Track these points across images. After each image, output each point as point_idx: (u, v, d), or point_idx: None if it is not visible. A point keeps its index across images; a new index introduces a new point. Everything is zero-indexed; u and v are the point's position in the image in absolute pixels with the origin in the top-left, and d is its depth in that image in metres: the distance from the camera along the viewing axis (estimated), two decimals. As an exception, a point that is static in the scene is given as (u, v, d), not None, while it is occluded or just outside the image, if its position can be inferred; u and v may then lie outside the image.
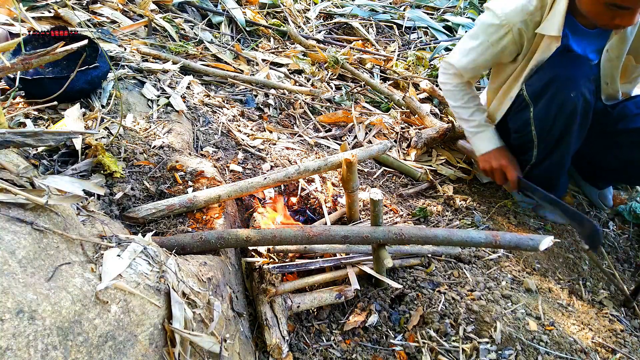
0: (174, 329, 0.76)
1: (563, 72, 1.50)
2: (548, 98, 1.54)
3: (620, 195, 2.13)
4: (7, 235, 0.64)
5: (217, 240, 1.11)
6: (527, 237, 1.23)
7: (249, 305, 1.25)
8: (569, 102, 1.50)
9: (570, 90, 1.49)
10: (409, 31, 3.68)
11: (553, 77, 1.51)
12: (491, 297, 1.35)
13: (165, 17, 2.72)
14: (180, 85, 2.02)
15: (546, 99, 1.55)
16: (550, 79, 1.52)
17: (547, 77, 1.53)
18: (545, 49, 1.51)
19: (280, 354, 1.11)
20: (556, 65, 1.52)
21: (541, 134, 1.63)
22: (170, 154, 1.48)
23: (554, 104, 1.53)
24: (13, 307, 0.56)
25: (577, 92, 1.48)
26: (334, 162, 1.47)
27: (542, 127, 1.61)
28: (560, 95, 1.51)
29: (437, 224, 1.75)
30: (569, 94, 1.49)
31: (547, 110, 1.56)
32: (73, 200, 0.81)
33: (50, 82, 1.45)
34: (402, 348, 1.21)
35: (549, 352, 1.18)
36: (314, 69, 2.78)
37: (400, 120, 2.41)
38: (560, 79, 1.50)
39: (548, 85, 1.53)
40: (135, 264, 0.79)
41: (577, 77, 1.49)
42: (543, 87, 1.54)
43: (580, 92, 1.48)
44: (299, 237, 1.17)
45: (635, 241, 1.97)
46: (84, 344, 0.63)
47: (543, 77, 1.54)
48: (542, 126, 1.61)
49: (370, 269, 1.34)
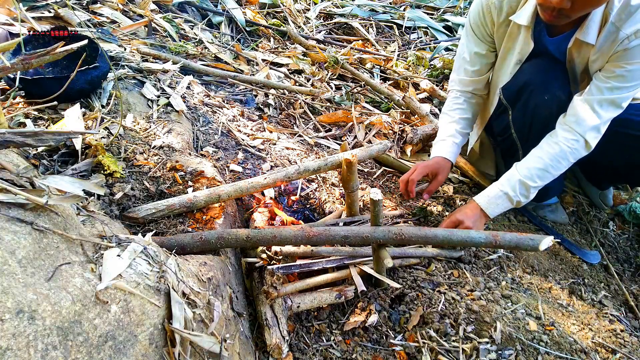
0: (174, 329, 0.76)
1: (535, 76, 1.51)
2: (523, 102, 1.56)
3: (620, 195, 2.14)
4: (7, 235, 0.64)
5: (217, 240, 1.11)
6: (527, 237, 1.22)
7: (249, 305, 1.25)
8: (543, 106, 1.51)
9: (544, 93, 1.49)
10: (409, 31, 3.69)
11: (526, 81, 1.52)
12: (491, 297, 1.35)
13: (165, 17, 2.72)
14: (180, 85, 2.02)
15: (521, 103, 1.56)
16: (524, 83, 1.53)
17: (521, 81, 1.54)
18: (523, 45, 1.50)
19: (280, 354, 1.11)
20: (529, 70, 1.53)
21: (521, 137, 1.65)
22: (170, 154, 1.48)
23: (529, 108, 1.55)
24: (13, 307, 0.56)
25: (550, 95, 1.48)
26: (334, 162, 1.47)
27: (521, 131, 1.63)
28: (534, 99, 1.52)
29: (437, 224, 1.75)
30: (542, 97, 1.50)
31: (523, 114, 1.58)
32: (73, 200, 0.81)
33: (50, 82, 1.45)
34: (402, 348, 1.21)
35: (549, 352, 1.18)
36: (314, 69, 2.78)
37: (400, 120, 2.41)
38: (533, 83, 1.51)
39: (522, 90, 1.54)
40: (135, 264, 0.79)
41: (549, 81, 1.49)
42: (518, 91, 1.56)
43: (554, 94, 1.48)
44: (299, 237, 1.17)
45: (635, 241, 1.97)
46: (84, 344, 0.63)
47: (517, 82, 1.56)
48: (521, 129, 1.62)
49: (370, 269, 1.34)
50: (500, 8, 1.50)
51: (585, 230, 1.96)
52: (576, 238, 1.89)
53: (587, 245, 1.88)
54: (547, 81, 1.50)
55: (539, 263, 1.66)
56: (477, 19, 1.58)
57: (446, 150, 1.70)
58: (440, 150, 1.71)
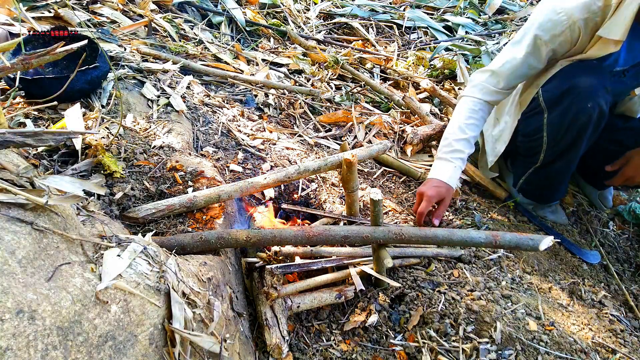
0: (174, 329, 0.76)
1: (582, 81, 1.46)
2: (564, 107, 1.51)
3: (620, 195, 2.14)
4: (7, 235, 0.64)
5: (217, 240, 1.11)
6: (527, 237, 1.22)
7: (249, 305, 1.25)
8: (584, 113, 1.47)
9: (588, 100, 1.45)
10: (409, 31, 3.69)
11: (571, 86, 1.48)
12: (491, 297, 1.35)
13: (165, 17, 2.72)
14: (180, 85, 2.02)
15: (562, 107, 1.52)
16: (568, 88, 1.48)
17: (565, 85, 1.49)
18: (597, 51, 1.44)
19: (280, 354, 1.11)
20: (575, 74, 1.48)
21: (551, 141, 1.61)
22: (170, 154, 1.48)
23: (570, 114, 1.50)
24: (13, 307, 0.56)
25: (594, 103, 1.45)
26: (334, 162, 1.47)
27: (554, 135, 1.59)
28: (577, 105, 1.47)
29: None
30: (585, 104, 1.46)
31: (561, 118, 1.53)
32: (73, 200, 0.81)
33: (50, 82, 1.45)
34: (402, 348, 1.21)
35: (549, 352, 1.18)
36: (314, 69, 2.78)
37: (400, 120, 2.41)
38: (578, 88, 1.46)
39: (565, 94, 1.50)
40: (135, 264, 0.79)
41: (595, 88, 1.45)
42: (560, 95, 1.51)
43: (597, 102, 1.45)
44: (299, 237, 1.17)
45: (635, 241, 1.97)
46: (84, 344, 0.63)
47: (561, 85, 1.51)
48: (554, 133, 1.58)
49: (370, 269, 1.34)
50: (586, 25, 1.42)
51: (585, 230, 1.96)
52: (576, 238, 1.90)
53: (587, 245, 1.88)
54: (592, 88, 1.45)
55: (539, 263, 1.66)
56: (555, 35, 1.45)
57: (449, 175, 1.59)
58: (445, 174, 1.59)
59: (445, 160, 1.62)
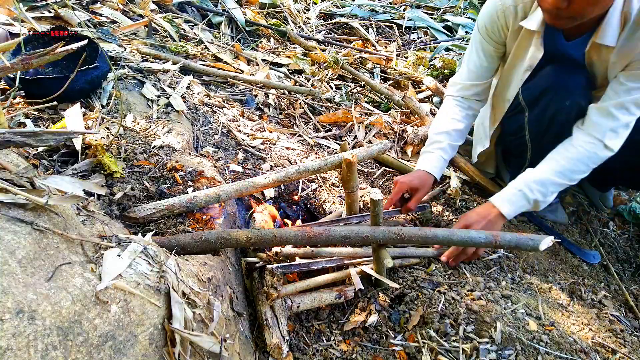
0: (174, 329, 0.76)
1: (558, 81, 1.49)
2: (543, 105, 1.54)
3: (620, 195, 2.14)
4: (7, 235, 0.64)
5: (217, 240, 1.11)
6: (527, 237, 1.22)
7: (249, 305, 1.25)
8: (563, 111, 1.49)
9: (565, 99, 1.48)
10: (409, 31, 3.69)
11: (549, 85, 1.51)
12: (491, 297, 1.35)
13: (165, 17, 2.72)
14: (180, 85, 2.02)
15: (541, 106, 1.55)
16: (546, 87, 1.51)
17: (543, 84, 1.52)
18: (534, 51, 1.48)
19: (280, 354, 1.11)
20: (552, 74, 1.51)
21: (534, 140, 1.63)
22: (170, 154, 1.48)
23: (548, 112, 1.53)
24: (13, 307, 0.56)
25: (571, 101, 1.47)
26: (334, 162, 1.47)
27: (535, 133, 1.61)
28: (555, 104, 1.50)
29: (437, 224, 1.75)
30: (563, 103, 1.48)
31: (541, 117, 1.56)
32: (73, 200, 0.81)
33: (50, 82, 1.45)
34: (402, 348, 1.21)
35: (549, 352, 1.18)
36: (314, 69, 2.78)
37: (400, 120, 2.41)
38: (555, 87, 1.49)
39: (543, 93, 1.52)
40: (135, 264, 0.79)
41: (572, 87, 1.48)
42: (538, 95, 1.54)
43: (575, 101, 1.47)
44: (299, 237, 1.17)
45: (635, 241, 1.97)
46: (84, 344, 0.63)
47: (539, 84, 1.54)
48: (536, 132, 1.61)
49: (370, 269, 1.34)
50: (515, 13, 1.47)
51: (585, 230, 1.96)
52: (576, 238, 1.89)
53: (587, 245, 1.88)
54: (570, 87, 1.47)
55: (539, 263, 1.66)
56: (490, 22, 1.54)
57: (432, 164, 1.63)
58: (426, 164, 1.64)
59: (426, 153, 1.71)
